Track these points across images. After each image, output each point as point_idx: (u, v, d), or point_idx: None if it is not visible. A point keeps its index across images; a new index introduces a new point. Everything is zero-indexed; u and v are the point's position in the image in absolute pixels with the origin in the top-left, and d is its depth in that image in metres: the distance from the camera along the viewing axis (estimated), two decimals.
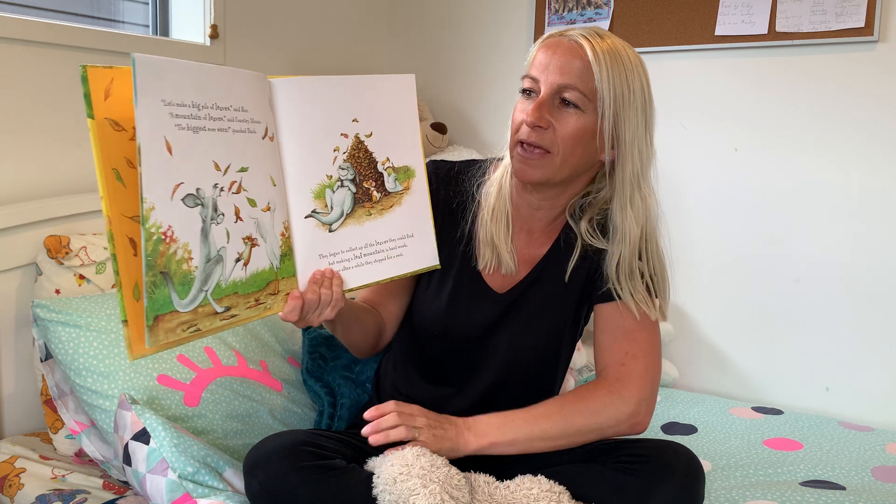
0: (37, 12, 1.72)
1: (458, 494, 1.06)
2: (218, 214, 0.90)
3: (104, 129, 0.83)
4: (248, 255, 0.94)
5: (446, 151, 2.39)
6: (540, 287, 1.23)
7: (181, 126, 0.85)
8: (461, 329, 1.24)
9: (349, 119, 1.06)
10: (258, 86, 0.96)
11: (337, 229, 1.06)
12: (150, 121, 0.81)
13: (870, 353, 2.00)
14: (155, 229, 0.82)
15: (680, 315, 2.26)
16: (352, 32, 2.50)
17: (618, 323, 1.19)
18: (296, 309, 1.01)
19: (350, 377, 1.48)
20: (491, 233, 1.21)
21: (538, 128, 1.11)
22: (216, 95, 0.89)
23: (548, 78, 1.11)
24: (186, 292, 0.86)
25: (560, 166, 1.13)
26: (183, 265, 0.86)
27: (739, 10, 2.07)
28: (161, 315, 0.84)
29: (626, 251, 1.16)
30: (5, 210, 1.49)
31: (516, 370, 1.26)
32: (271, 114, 0.99)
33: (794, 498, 1.39)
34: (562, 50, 1.11)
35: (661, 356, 1.20)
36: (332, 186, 1.05)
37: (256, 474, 1.05)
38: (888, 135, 1.94)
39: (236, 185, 0.92)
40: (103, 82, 0.83)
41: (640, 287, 1.17)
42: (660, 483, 1.08)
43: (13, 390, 1.53)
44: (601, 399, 1.15)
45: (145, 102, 0.81)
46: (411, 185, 1.14)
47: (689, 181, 2.20)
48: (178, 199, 0.85)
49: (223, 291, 0.91)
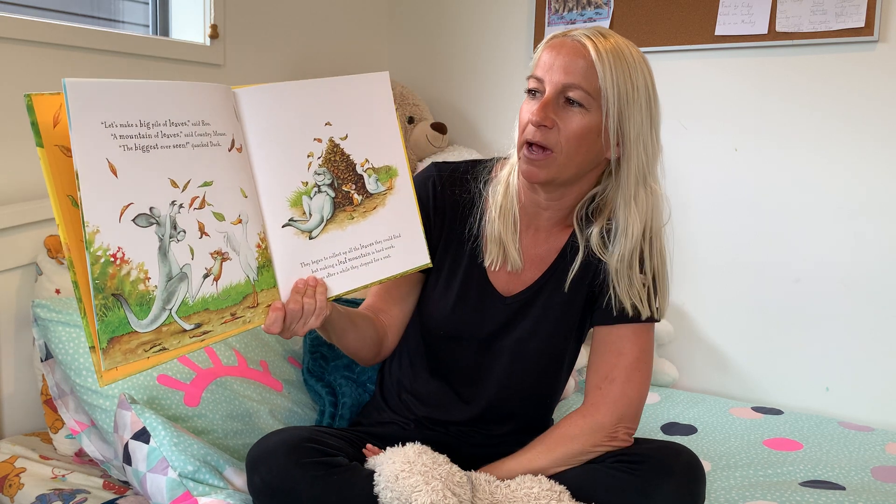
0: (37, 12, 1.72)
1: (460, 491, 1.06)
2: (178, 232, 0.89)
3: (55, 156, 0.82)
4: (218, 269, 0.93)
5: (446, 151, 2.39)
6: (547, 293, 1.23)
7: (127, 146, 0.84)
8: (467, 331, 1.24)
9: (321, 123, 1.05)
10: (221, 97, 0.95)
11: (318, 236, 1.04)
12: (88, 145, 0.81)
13: (870, 353, 2.00)
14: (102, 252, 0.82)
15: (680, 315, 2.26)
16: (352, 33, 2.50)
17: (604, 346, 1.21)
18: (277, 321, 1.00)
19: (351, 377, 1.48)
20: (499, 230, 1.21)
21: (543, 127, 1.11)
22: (169, 112, 0.88)
23: (552, 78, 1.12)
24: (146, 312, 0.86)
25: (565, 165, 1.14)
26: (139, 285, 0.85)
27: (739, 10, 2.07)
28: (118, 337, 0.84)
29: (626, 247, 1.17)
30: (5, 210, 1.49)
31: (520, 373, 1.26)
32: (238, 124, 0.97)
33: (794, 498, 1.39)
34: (565, 50, 1.12)
35: (651, 370, 1.22)
36: (308, 193, 1.03)
37: (259, 470, 1.05)
38: (888, 135, 1.94)
39: (199, 201, 0.91)
40: (51, 110, 0.83)
41: (637, 284, 1.18)
42: (660, 483, 1.08)
43: (13, 390, 1.53)
44: (578, 425, 1.18)
45: (81, 126, 0.81)
46: (394, 184, 1.12)
47: (689, 181, 2.20)
48: (128, 219, 0.84)
49: (191, 308, 0.90)
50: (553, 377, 1.30)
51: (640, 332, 1.20)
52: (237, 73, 2.08)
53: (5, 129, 1.56)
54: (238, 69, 2.08)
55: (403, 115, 2.38)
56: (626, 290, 1.18)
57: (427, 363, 1.30)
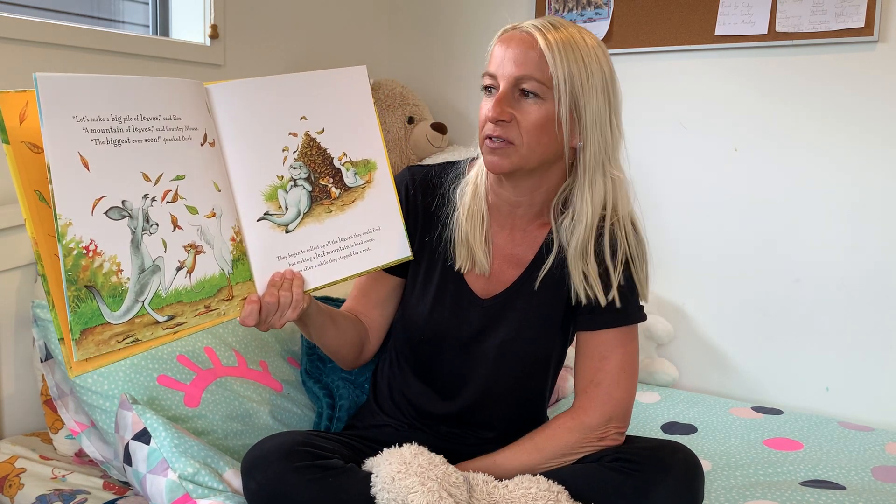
0: (37, 12, 1.72)
1: (456, 492, 1.06)
2: (151, 224, 0.90)
3: (21, 153, 0.84)
4: (192, 262, 0.94)
5: (446, 151, 2.39)
6: (527, 293, 1.22)
7: (99, 140, 0.86)
8: (445, 334, 1.24)
9: (297, 117, 1.05)
10: (193, 92, 0.96)
11: (294, 229, 1.05)
12: (59, 138, 0.82)
13: (869, 353, 2.00)
14: (74, 244, 0.83)
15: (680, 315, 2.26)
16: (352, 32, 2.50)
17: (590, 350, 1.20)
18: (253, 313, 1.01)
19: (349, 379, 1.48)
20: (465, 232, 1.20)
21: (502, 122, 1.11)
22: (140, 106, 0.90)
23: (504, 71, 1.12)
24: (119, 304, 0.87)
25: (527, 156, 1.13)
26: (111, 277, 0.86)
27: (739, 10, 2.07)
28: (90, 328, 0.85)
29: (581, 235, 1.15)
30: (5, 210, 1.49)
31: (505, 377, 1.25)
32: (211, 120, 0.98)
33: (794, 498, 1.39)
34: (514, 43, 1.12)
35: (637, 369, 1.21)
36: (284, 187, 1.04)
37: (254, 475, 1.05)
38: (888, 135, 1.94)
39: (171, 194, 0.93)
40: (17, 106, 0.84)
41: (593, 270, 1.16)
42: (658, 482, 1.08)
43: (13, 390, 1.53)
44: (566, 426, 1.19)
45: (52, 120, 0.82)
46: (373, 177, 1.12)
47: (689, 181, 2.20)
48: (101, 212, 0.86)
49: (164, 301, 0.92)
50: (539, 379, 1.29)
51: (624, 335, 1.19)
52: (237, 73, 2.08)
53: None
54: (238, 69, 2.08)
55: (403, 115, 2.38)
56: (580, 280, 1.16)
57: (413, 367, 1.30)
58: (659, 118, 2.23)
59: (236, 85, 1.01)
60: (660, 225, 2.22)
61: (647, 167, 2.23)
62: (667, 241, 2.24)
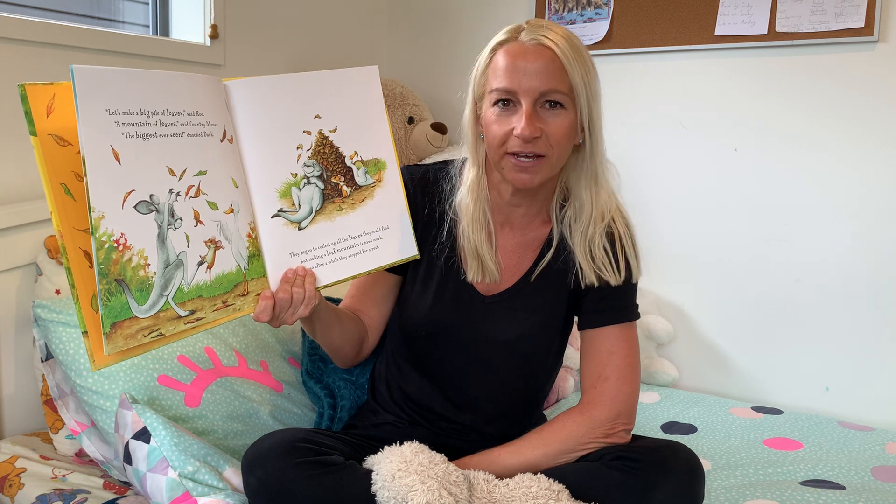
0: (36, 12, 1.72)
1: (457, 491, 1.06)
2: (175, 219, 0.91)
3: (48, 145, 0.83)
4: (211, 257, 0.95)
5: (446, 151, 2.39)
6: (529, 291, 1.24)
7: (129, 134, 0.86)
8: (446, 330, 1.24)
9: (311, 115, 1.06)
10: (213, 89, 0.97)
11: (307, 227, 1.06)
12: (94, 131, 0.82)
13: (869, 353, 2.00)
14: (106, 238, 0.83)
15: (680, 315, 2.26)
16: (351, 32, 2.50)
17: (595, 347, 1.22)
18: (267, 309, 1.01)
19: (350, 379, 1.48)
20: (474, 243, 1.21)
21: (535, 139, 1.11)
22: (166, 101, 0.90)
23: (527, 85, 1.10)
24: (145, 298, 0.88)
25: (556, 165, 1.16)
26: (139, 271, 0.87)
27: (739, 10, 2.07)
28: (119, 322, 0.85)
29: (585, 223, 1.19)
30: (5, 210, 1.49)
31: (506, 371, 1.26)
32: (229, 116, 0.99)
33: (794, 497, 1.39)
34: (532, 56, 1.10)
35: (639, 366, 1.23)
36: (297, 184, 1.05)
37: (255, 471, 1.05)
38: (888, 135, 1.94)
39: (194, 189, 0.93)
40: (44, 99, 0.84)
41: (601, 254, 1.19)
42: (658, 481, 1.08)
43: (13, 390, 1.53)
44: (576, 421, 1.19)
45: (87, 113, 0.82)
46: (383, 177, 1.13)
47: (689, 181, 2.20)
48: (130, 206, 0.86)
49: (186, 295, 0.92)
50: (539, 375, 1.31)
51: (626, 331, 1.22)
52: (237, 73, 2.08)
53: (6, 129, 1.56)
54: (238, 69, 2.08)
55: (403, 115, 2.38)
56: (588, 265, 1.19)
57: (413, 365, 1.30)
58: (659, 118, 2.24)
59: (254, 82, 1.02)
60: (659, 225, 2.23)
61: (647, 167, 2.24)
62: (666, 240, 2.24)
